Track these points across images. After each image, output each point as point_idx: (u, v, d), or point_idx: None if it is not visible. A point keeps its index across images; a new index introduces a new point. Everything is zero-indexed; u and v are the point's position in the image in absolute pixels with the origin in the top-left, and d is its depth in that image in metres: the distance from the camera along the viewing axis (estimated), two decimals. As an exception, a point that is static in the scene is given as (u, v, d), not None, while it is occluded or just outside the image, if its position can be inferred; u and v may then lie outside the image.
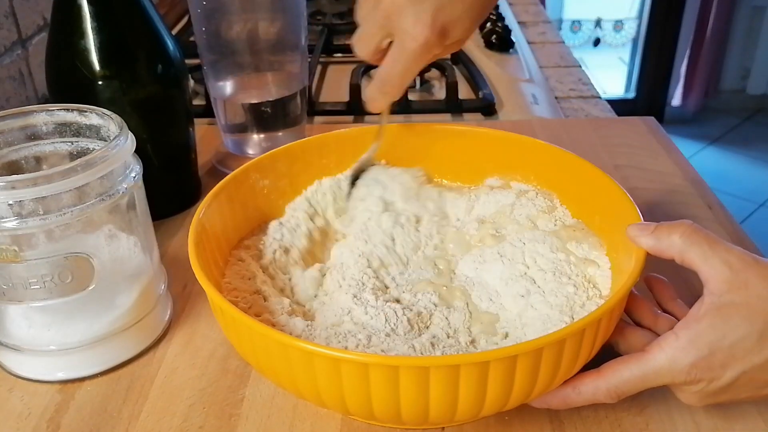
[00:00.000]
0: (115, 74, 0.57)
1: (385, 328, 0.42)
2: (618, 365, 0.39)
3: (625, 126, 0.79)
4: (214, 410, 0.44)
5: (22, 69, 0.78)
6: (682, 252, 0.39)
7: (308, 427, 0.43)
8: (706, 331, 0.37)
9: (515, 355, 0.35)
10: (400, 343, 0.41)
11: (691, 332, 0.37)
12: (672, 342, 0.38)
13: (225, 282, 0.47)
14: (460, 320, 0.44)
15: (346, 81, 0.88)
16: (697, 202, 0.64)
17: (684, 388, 0.39)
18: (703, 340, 0.37)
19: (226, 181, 0.49)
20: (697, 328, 0.37)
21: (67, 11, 0.55)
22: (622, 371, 0.39)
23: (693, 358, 0.37)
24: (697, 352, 0.37)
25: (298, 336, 0.41)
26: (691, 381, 0.38)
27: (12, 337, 0.46)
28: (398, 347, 0.40)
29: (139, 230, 0.47)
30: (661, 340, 0.38)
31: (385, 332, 0.42)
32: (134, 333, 0.48)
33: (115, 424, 0.44)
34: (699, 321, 0.38)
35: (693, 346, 0.37)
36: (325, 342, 0.41)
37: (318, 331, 0.42)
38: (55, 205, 0.41)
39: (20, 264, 0.42)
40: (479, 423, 0.43)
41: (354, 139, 0.56)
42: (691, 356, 0.37)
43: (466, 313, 0.45)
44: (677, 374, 0.38)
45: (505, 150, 0.55)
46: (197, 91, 0.89)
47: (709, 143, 2.62)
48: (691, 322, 0.38)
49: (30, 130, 0.48)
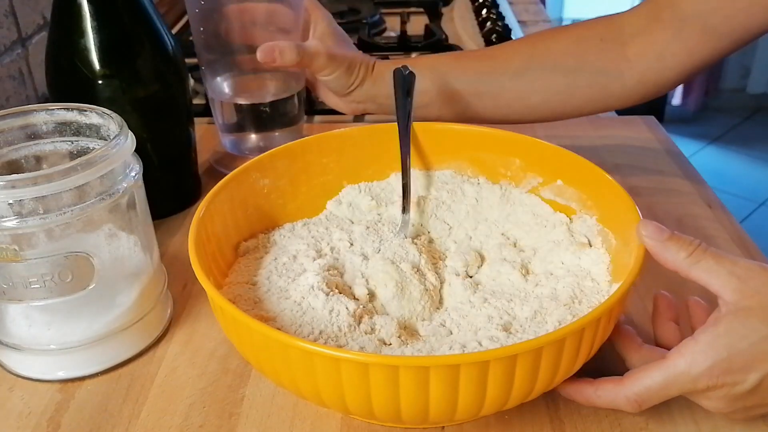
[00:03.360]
0: (115, 73, 0.57)
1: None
2: (638, 373, 0.39)
3: (626, 125, 0.79)
4: (215, 409, 0.44)
5: (22, 68, 0.78)
6: (687, 270, 0.39)
7: (308, 426, 0.43)
8: (724, 334, 0.37)
9: (515, 355, 0.35)
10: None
11: (709, 336, 0.37)
12: (691, 346, 0.38)
13: (226, 281, 0.47)
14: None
15: (346, 80, 0.87)
16: (697, 202, 0.64)
17: (708, 395, 0.38)
18: (721, 342, 0.37)
19: (226, 181, 0.49)
20: (715, 331, 0.37)
21: (67, 10, 0.55)
22: (643, 379, 0.38)
23: (712, 360, 0.37)
24: (716, 354, 0.37)
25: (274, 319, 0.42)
26: (713, 386, 0.37)
27: (12, 336, 0.46)
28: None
29: (139, 229, 0.47)
30: (680, 346, 0.38)
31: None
32: (134, 332, 0.48)
33: (115, 423, 0.44)
34: (717, 325, 0.37)
35: (711, 349, 0.37)
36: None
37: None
38: (55, 205, 0.41)
39: (20, 263, 0.42)
40: (479, 422, 0.43)
41: (354, 138, 0.56)
42: (710, 359, 0.37)
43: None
44: (698, 378, 0.37)
45: (505, 149, 0.55)
46: (197, 91, 0.89)
47: (709, 142, 2.62)
48: (709, 327, 0.38)
49: (30, 130, 0.48)
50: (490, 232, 0.53)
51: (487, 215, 0.54)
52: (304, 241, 0.52)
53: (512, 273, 0.48)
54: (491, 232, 0.53)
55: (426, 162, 0.57)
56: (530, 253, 0.51)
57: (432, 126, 0.57)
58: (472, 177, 0.56)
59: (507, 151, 0.55)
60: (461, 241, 0.53)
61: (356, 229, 0.53)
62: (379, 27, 1.11)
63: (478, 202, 0.55)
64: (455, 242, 0.53)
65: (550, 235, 0.51)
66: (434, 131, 0.57)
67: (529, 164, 0.54)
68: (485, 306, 0.45)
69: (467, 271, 0.50)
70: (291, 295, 0.45)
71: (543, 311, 0.43)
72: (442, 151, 0.57)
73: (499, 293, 0.47)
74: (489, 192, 0.55)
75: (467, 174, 0.57)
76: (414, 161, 0.57)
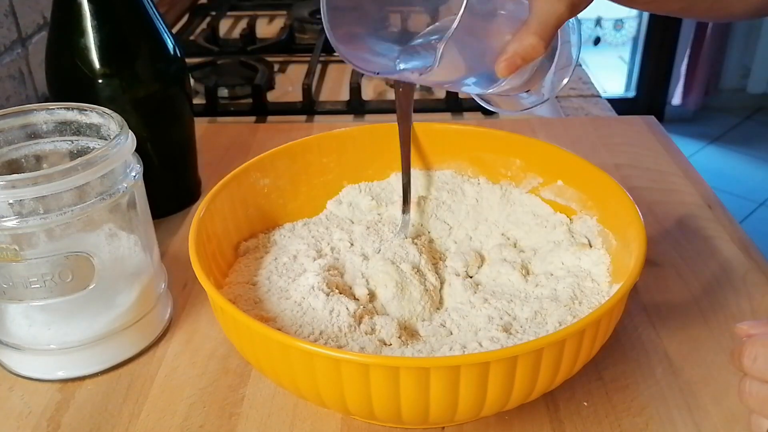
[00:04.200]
0: (116, 73, 0.57)
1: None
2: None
3: (626, 125, 0.79)
4: (215, 409, 0.44)
5: (22, 68, 0.78)
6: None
7: (308, 426, 0.43)
8: None
9: (515, 356, 0.35)
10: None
11: None
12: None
13: (226, 281, 0.47)
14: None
15: (346, 80, 0.88)
16: (697, 201, 0.64)
17: None
18: None
19: (226, 180, 0.49)
20: None
21: (67, 10, 0.55)
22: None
23: None
24: None
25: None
26: None
27: (12, 336, 0.46)
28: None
29: (140, 229, 0.47)
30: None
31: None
32: (134, 332, 0.48)
33: (115, 423, 0.44)
34: None
35: None
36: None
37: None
38: (56, 204, 0.41)
39: (20, 263, 0.42)
40: (479, 422, 0.43)
41: (354, 138, 0.56)
42: None
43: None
44: None
45: (505, 149, 0.55)
46: (197, 90, 0.89)
47: (709, 142, 2.62)
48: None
49: (30, 129, 0.48)
50: (491, 232, 0.53)
51: (488, 215, 0.54)
52: (305, 241, 0.52)
53: (512, 273, 0.48)
54: (491, 233, 0.53)
55: (426, 162, 0.57)
56: (530, 254, 0.51)
57: (432, 126, 0.57)
58: (472, 177, 0.56)
59: (507, 151, 0.55)
60: (461, 242, 0.53)
61: (356, 229, 0.53)
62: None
63: (479, 203, 0.55)
64: (455, 242, 0.53)
65: (550, 235, 0.51)
66: (434, 131, 0.57)
67: (529, 164, 0.54)
68: (485, 306, 0.45)
69: (467, 271, 0.50)
70: (291, 296, 0.45)
71: (543, 312, 0.43)
72: (442, 151, 0.57)
73: (499, 294, 0.47)
74: (489, 192, 0.55)
75: (467, 174, 0.57)
76: (414, 161, 0.57)
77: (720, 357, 0.47)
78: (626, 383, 0.45)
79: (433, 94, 0.92)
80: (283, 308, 0.44)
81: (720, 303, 0.52)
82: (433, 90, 0.92)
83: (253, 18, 1.10)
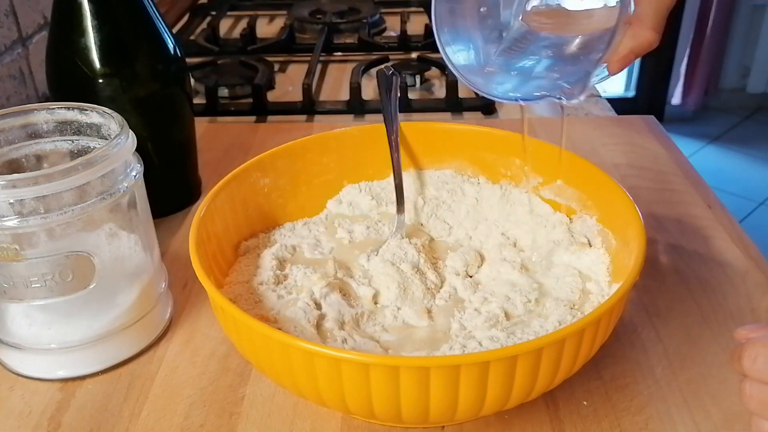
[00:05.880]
0: (116, 72, 0.57)
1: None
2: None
3: (625, 125, 0.79)
4: (215, 409, 0.44)
5: (22, 68, 0.78)
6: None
7: (308, 425, 0.43)
8: None
9: (515, 355, 0.35)
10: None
11: None
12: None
13: (226, 281, 0.47)
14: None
15: (347, 80, 0.88)
16: (697, 201, 0.64)
17: None
18: None
19: (226, 180, 0.49)
20: None
21: (68, 9, 0.55)
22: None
23: None
24: None
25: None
26: None
27: (13, 335, 0.46)
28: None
29: (140, 229, 0.47)
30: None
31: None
32: (135, 331, 0.48)
33: (115, 423, 0.44)
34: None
35: None
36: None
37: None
38: (56, 204, 0.41)
39: (21, 262, 0.42)
40: (479, 422, 0.43)
41: (354, 138, 0.56)
42: None
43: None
44: None
45: (505, 149, 0.55)
46: (197, 90, 0.89)
47: (708, 142, 2.62)
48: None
49: (30, 129, 0.48)
50: (490, 231, 0.53)
51: (487, 215, 0.54)
52: (305, 241, 0.52)
53: (512, 273, 0.48)
54: (491, 232, 0.53)
55: (426, 162, 0.57)
56: (530, 253, 0.51)
57: (432, 126, 0.57)
58: (472, 177, 0.56)
59: (507, 151, 0.55)
60: (461, 241, 0.53)
61: (356, 229, 0.53)
62: (380, 27, 1.11)
63: (478, 202, 0.55)
64: (455, 242, 0.53)
65: (550, 235, 0.51)
66: (434, 131, 0.57)
67: (529, 164, 0.54)
68: (485, 306, 0.45)
69: (467, 270, 0.50)
70: (291, 295, 0.45)
71: (543, 311, 0.43)
72: (442, 150, 0.57)
73: (499, 293, 0.47)
74: (489, 192, 0.55)
75: (467, 174, 0.57)
76: (414, 161, 0.57)
77: (719, 356, 0.47)
78: (626, 382, 0.45)
79: (433, 93, 0.92)
80: (284, 308, 0.44)
81: (719, 303, 0.52)
82: (432, 89, 0.92)
83: (254, 18, 1.10)
